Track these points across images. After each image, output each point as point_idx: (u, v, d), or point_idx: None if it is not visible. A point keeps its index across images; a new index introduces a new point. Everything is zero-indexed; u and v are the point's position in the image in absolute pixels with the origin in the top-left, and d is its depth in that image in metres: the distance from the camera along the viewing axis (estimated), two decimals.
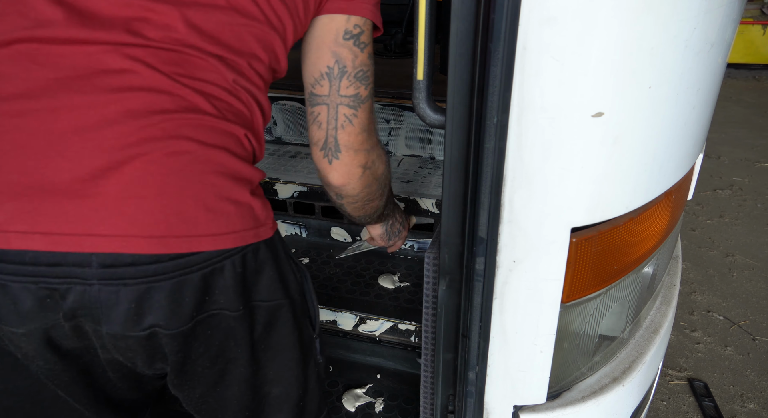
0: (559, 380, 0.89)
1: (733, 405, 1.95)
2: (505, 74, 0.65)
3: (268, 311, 0.78)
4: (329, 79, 0.78)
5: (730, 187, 3.64)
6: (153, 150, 0.66)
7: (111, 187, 0.64)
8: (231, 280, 0.71)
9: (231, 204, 0.70)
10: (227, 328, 0.73)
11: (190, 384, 0.79)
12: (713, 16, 0.71)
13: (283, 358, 0.84)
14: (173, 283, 0.67)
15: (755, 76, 6.43)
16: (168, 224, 0.65)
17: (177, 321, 0.69)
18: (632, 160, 0.74)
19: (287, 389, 0.87)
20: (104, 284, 0.65)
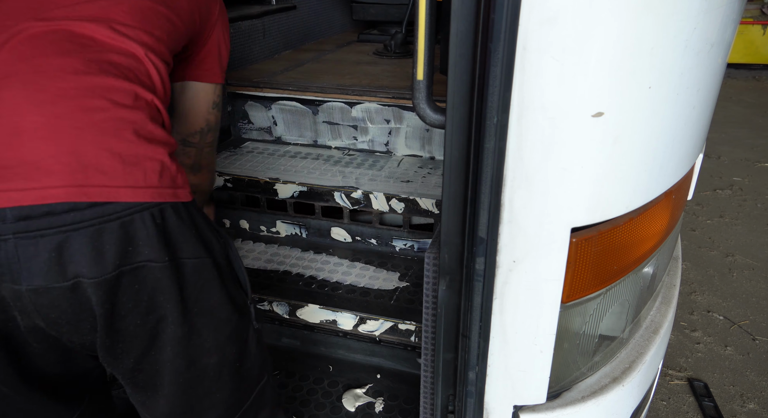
0: (559, 380, 0.89)
1: (733, 405, 1.95)
2: (505, 74, 0.65)
3: (195, 269, 0.80)
4: (201, 135, 1.13)
5: (730, 187, 3.64)
6: (68, 108, 0.70)
7: (27, 144, 0.67)
8: (153, 230, 0.74)
9: (148, 160, 0.74)
10: (154, 281, 0.75)
11: (123, 348, 0.79)
12: (713, 16, 0.71)
13: (219, 323, 0.85)
14: (92, 230, 0.69)
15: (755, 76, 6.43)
16: (85, 175, 0.69)
17: (100, 269, 0.70)
18: (632, 160, 0.73)
19: (227, 357, 0.88)
20: (20, 238, 0.66)
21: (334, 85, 1.69)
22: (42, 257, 0.68)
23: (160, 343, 0.80)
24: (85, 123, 0.70)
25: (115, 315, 0.75)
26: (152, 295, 0.76)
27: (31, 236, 0.67)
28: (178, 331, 0.80)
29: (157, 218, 0.74)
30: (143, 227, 0.73)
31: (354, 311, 1.37)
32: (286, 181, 1.55)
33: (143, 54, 0.81)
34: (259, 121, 1.82)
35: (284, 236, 1.69)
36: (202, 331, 0.83)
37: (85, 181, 0.69)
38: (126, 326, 0.77)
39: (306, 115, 1.75)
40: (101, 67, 0.74)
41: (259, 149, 1.78)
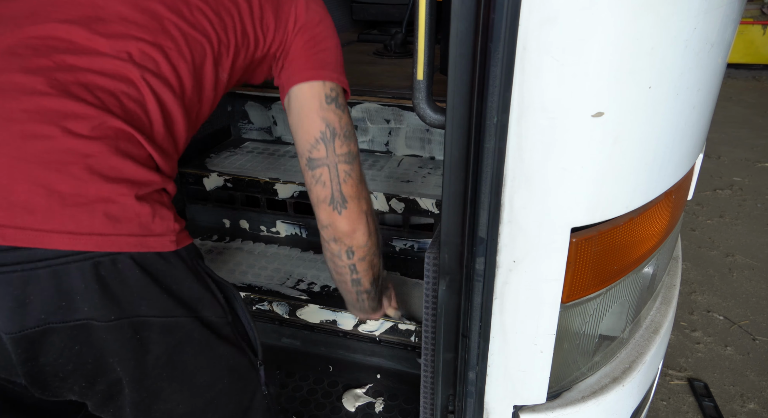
0: (559, 380, 0.89)
1: (733, 405, 1.95)
2: (505, 74, 0.65)
3: (165, 328, 0.69)
4: (324, 143, 0.85)
5: (730, 187, 3.64)
6: (8, 133, 0.60)
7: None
8: (93, 283, 0.62)
9: (101, 202, 0.63)
10: (100, 341, 0.65)
11: (72, 396, 0.70)
12: (713, 16, 0.71)
13: (197, 388, 0.74)
14: (15, 277, 0.59)
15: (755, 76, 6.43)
16: (10, 213, 0.59)
17: (19, 324, 0.60)
18: (632, 160, 0.73)
19: None
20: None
21: None
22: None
23: (116, 404, 0.71)
24: (24, 152, 0.60)
25: (50, 375, 0.65)
26: (99, 357, 0.66)
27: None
28: (135, 396, 0.70)
29: (103, 270, 0.63)
30: (80, 279, 0.62)
31: None
32: (286, 181, 1.55)
33: (138, 77, 0.68)
34: (259, 121, 1.82)
35: (284, 236, 1.69)
36: (170, 397, 0.72)
37: (9, 221, 0.59)
38: (71, 386, 0.68)
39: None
40: (66, 89, 0.63)
41: (259, 149, 1.78)
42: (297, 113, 0.87)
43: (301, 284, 1.46)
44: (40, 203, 0.60)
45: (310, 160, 0.87)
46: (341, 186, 0.86)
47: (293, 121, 0.88)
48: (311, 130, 0.85)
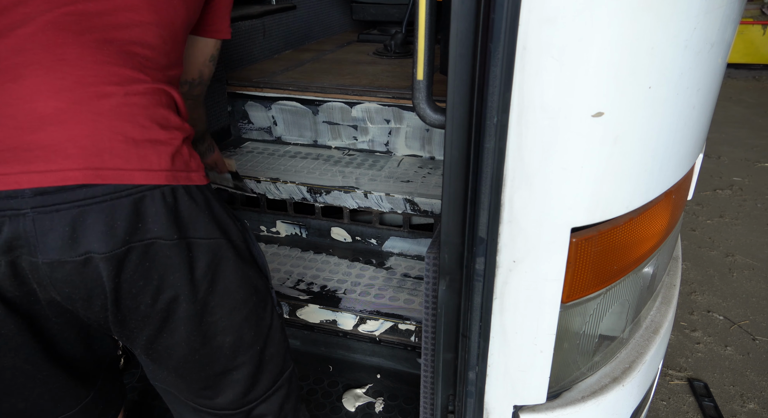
0: (559, 380, 0.89)
1: (733, 405, 1.95)
2: (505, 74, 0.65)
3: (209, 249, 0.82)
4: (189, 86, 1.17)
5: (730, 187, 3.64)
6: (85, 94, 0.73)
7: (47, 129, 0.70)
8: (162, 208, 0.76)
9: (162, 145, 0.77)
10: (164, 258, 0.77)
11: (135, 325, 0.80)
12: (713, 16, 0.71)
13: (235, 303, 0.86)
14: (105, 206, 0.72)
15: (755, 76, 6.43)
16: (101, 158, 0.72)
17: (110, 244, 0.72)
18: (632, 160, 0.74)
19: (244, 337, 0.89)
20: (38, 212, 0.69)
21: (334, 85, 1.70)
22: (57, 232, 0.70)
23: (173, 323, 0.82)
24: (101, 109, 0.73)
25: (126, 292, 0.76)
26: (163, 273, 0.78)
27: (47, 211, 0.70)
28: (190, 309, 0.81)
29: (168, 198, 0.77)
30: (153, 205, 0.75)
31: (355, 311, 1.37)
32: (286, 181, 1.55)
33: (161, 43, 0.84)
34: (259, 121, 1.82)
35: (284, 236, 1.69)
36: (215, 310, 0.84)
37: (101, 164, 0.72)
38: (137, 305, 0.78)
39: (306, 115, 1.75)
40: (119, 58, 0.77)
41: (259, 149, 1.78)
42: (188, 55, 1.11)
43: (301, 284, 1.46)
44: (122, 148, 0.74)
45: (189, 84, 1.17)
46: (196, 92, 1.20)
47: (185, 57, 1.09)
48: (186, 75, 1.14)
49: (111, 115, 0.74)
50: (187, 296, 0.80)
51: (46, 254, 0.71)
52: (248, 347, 0.90)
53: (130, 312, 0.79)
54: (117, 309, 0.78)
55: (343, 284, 1.47)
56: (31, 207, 0.69)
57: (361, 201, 1.51)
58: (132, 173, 0.74)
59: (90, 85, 0.74)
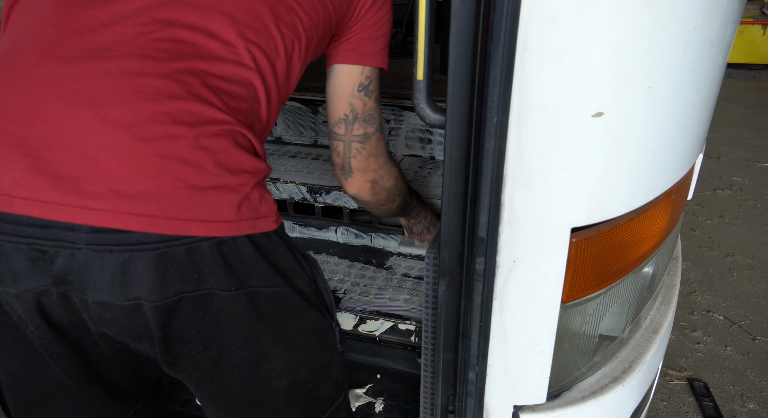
0: (559, 380, 0.89)
1: (733, 405, 1.95)
2: (505, 74, 0.65)
3: (270, 297, 0.79)
4: (345, 124, 0.99)
5: (730, 187, 3.64)
6: (155, 133, 0.69)
7: (109, 164, 0.67)
8: (220, 259, 0.72)
9: (227, 192, 0.72)
10: (220, 309, 0.74)
11: (186, 368, 0.79)
12: (713, 16, 0.71)
13: (292, 347, 0.84)
14: (157, 254, 0.69)
15: (755, 76, 6.43)
16: (159, 205, 0.68)
17: (160, 293, 0.70)
18: (632, 160, 0.74)
19: (297, 379, 0.87)
20: (91, 249, 0.67)
21: None
22: (108, 272, 0.68)
23: (225, 369, 0.80)
24: (168, 151, 0.69)
25: (177, 339, 0.74)
26: (217, 323, 0.75)
27: (100, 249, 0.67)
28: (245, 356, 0.79)
29: (227, 248, 0.73)
30: (210, 256, 0.71)
31: (354, 311, 1.37)
32: (286, 181, 1.55)
33: (255, 80, 0.77)
34: None
35: None
36: (274, 357, 0.82)
37: (157, 211, 0.68)
38: (188, 351, 0.76)
39: (306, 115, 1.75)
40: (197, 93, 0.72)
41: None
42: (332, 91, 0.99)
43: None
44: (182, 195, 0.69)
45: (332, 133, 1.02)
46: (351, 160, 1.01)
47: (328, 94, 1.00)
48: (338, 111, 0.99)
49: (177, 159, 0.69)
50: (243, 344, 0.78)
51: (96, 293, 0.69)
52: (302, 387, 0.88)
53: (180, 356, 0.77)
54: (167, 353, 0.76)
55: (343, 284, 1.47)
56: (86, 244, 0.67)
57: None
58: (189, 224, 0.69)
59: (161, 124, 0.69)
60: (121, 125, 0.68)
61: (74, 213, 0.66)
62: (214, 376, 0.80)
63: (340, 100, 0.98)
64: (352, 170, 1.02)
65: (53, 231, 0.67)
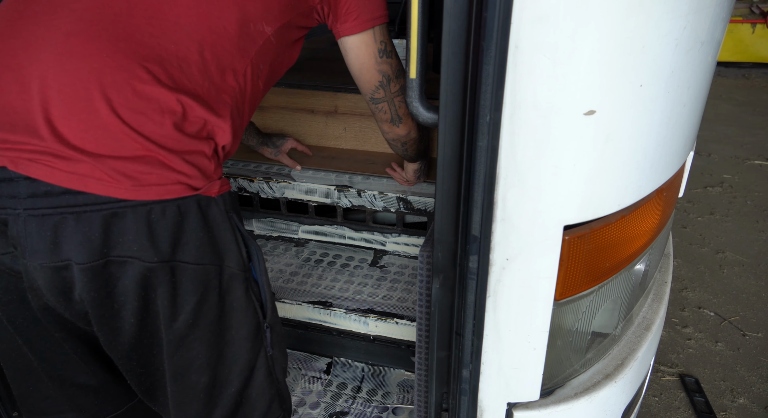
0: (552, 377, 0.90)
1: (724, 400, 1.97)
2: (498, 73, 0.65)
3: (197, 275, 0.76)
4: (383, 88, 1.04)
5: (720, 185, 3.67)
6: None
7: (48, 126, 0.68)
8: (143, 226, 0.71)
9: (167, 153, 0.71)
10: (144, 279, 0.73)
11: (114, 335, 0.77)
12: (703, 15, 0.71)
13: (214, 338, 0.80)
14: (85, 216, 0.69)
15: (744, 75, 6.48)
16: (91, 165, 0.68)
17: (87, 255, 0.70)
18: (624, 158, 0.74)
19: (218, 379, 0.83)
20: (30, 214, 0.69)
21: (327, 84, 1.69)
22: (43, 235, 0.69)
23: (150, 343, 0.78)
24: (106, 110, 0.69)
25: (103, 303, 0.74)
26: (142, 293, 0.74)
27: (36, 214, 0.69)
28: (165, 336, 0.77)
29: (155, 215, 0.71)
30: (134, 222, 0.70)
31: (348, 310, 1.37)
32: (279, 180, 1.55)
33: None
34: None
35: (277, 235, 1.69)
36: (193, 344, 0.79)
37: (89, 171, 0.69)
38: (120, 325, 0.75)
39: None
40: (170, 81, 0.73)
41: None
42: (358, 66, 1.01)
43: (295, 283, 1.46)
44: (117, 157, 0.70)
45: (373, 99, 1.05)
46: (397, 110, 1.07)
47: (354, 70, 1.02)
48: (372, 82, 1.02)
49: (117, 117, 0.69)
50: (165, 320, 0.75)
51: (33, 257, 0.71)
52: (222, 387, 0.84)
53: (107, 323, 0.76)
54: (99, 324, 0.75)
55: (337, 283, 1.47)
56: (23, 208, 0.69)
57: (354, 200, 1.51)
58: (117, 186, 0.69)
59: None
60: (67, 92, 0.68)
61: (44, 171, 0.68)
62: (133, 354, 0.78)
63: (370, 72, 1.01)
64: (400, 118, 1.09)
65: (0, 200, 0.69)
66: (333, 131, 1.68)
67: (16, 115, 0.68)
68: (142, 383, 0.83)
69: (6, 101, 0.69)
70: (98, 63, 0.69)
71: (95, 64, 0.69)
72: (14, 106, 0.68)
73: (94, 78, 0.68)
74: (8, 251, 0.73)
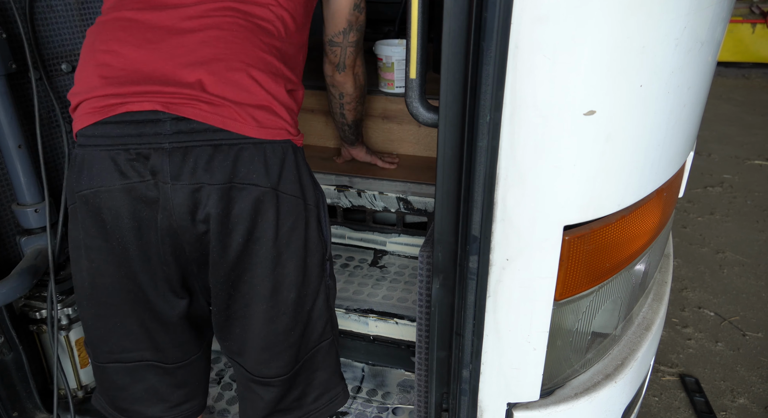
0: (552, 378, 0.90)
1: (724, 400, 1.97)
2: (498, 73, 0.65)
3: (290, 203, 0.92)
4: (343, 34, 1.24)
5: (720, 185, 3.67)
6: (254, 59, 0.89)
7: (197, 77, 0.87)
8: (261, 159, 0.88)
9: (272, 113, 0.90)
10: (256, 202, 0.89)
11: (224, 261, 0.91)
12: (703, 15, 0.71)
13: (298, 260, 0.95)
14: (221, 148, 0.86)
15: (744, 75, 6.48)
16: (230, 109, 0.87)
17: (219, 178, 0.87)
18: (624, 158, 0.74)
19: (301, 297, 0.97)
20: (175, 146, 0.86)
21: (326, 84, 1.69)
22: (185, 162, 0.85)
23: (251, 261, 0.91)
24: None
25: (225, 220, 0.88)
26: (254, 215, 0.89)
27: (181, 146, 0.85)
28: (268, 254, 0.91)
29: (269, 152, 0.89)
30: (255, 155, 0.88)
31: (348, 310, 1.37)
32: None
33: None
34: None
35: None
36: (286, 263, 0.93)
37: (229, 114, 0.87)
38: (231, 243, 0.89)
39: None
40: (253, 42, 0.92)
41: None
42: (333, 12, 1.21)
43: None
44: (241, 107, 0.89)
45: (331, 42, 1.24)
46: (345, 59, 1.27)
47: (328, 14, 1.22)
48: (338, 26, 1.22)
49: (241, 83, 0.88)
50: (269, 240, 0.91)
51: (176, 179, 0.86)
52: (302, 308, 0.98)
53: (225, 249, 0.90)
54: (217, 239, 0.89)
55: (337, 283, 1.47)
56: (169, 141, 0.85)
57: (354, 200, 1.51)
58: (248, 127, 0.87)
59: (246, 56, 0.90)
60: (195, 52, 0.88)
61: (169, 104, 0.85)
62: (240, 267, 0.91)
63: (340, 18, 1.21)
64: (345, 66, 1.28)
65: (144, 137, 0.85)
66: (333, 131, 1.68)
67: (169, 74, 0.86)
68: (227, 308, 0.96)
69: (159, 66, 0.87)
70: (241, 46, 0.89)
71: (238, 47, 0.89)
72: (166, 71, 0.87)
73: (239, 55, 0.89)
74: (146, 179, 0.86)
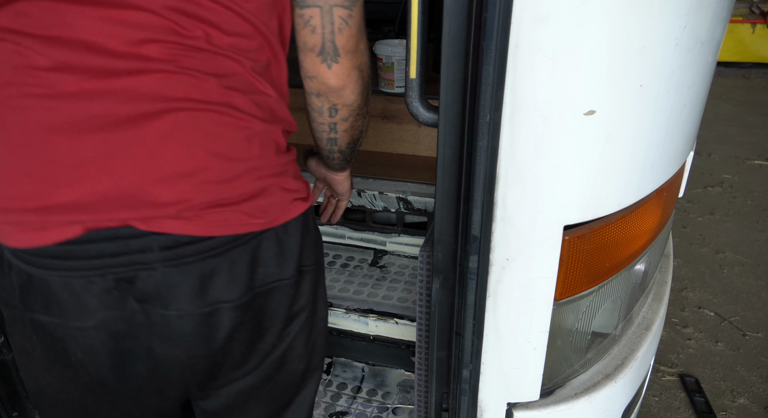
0: (552, 377, 0.90)
1: (724, 400, 1.97)
2: (498, 72, 0.65)
3: (311, 275, 0.79)
4: None
5: (720, 185, 3.67)
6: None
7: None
8: (276, 249, 0.72)
9: (277, 190, 0.72)
10: (288, 298, 0.76)
11: (254, 356, 0.78)
12: (703, 15, 0.71)
13: (311, 327, 0.84)
14: (229, 255, 0.68)
15: (744, 75, 6.48)
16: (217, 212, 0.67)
17: (237, 292, 0.70)
18: (624, 158, 0.74)
19: (312, 364, 0.88)
20: (168, 266, 0.65)
21: None
22: (188, 283, 0.67)
23: (293, 345, 0.81)
24: None
25: (255, 334, 0.75)
26: (289, 313, 0.78)
27: (177, 264, 0.66)
28: (279, 343, 0.79)
29: (281, 235, 0.73)
30: (269, 249, 0.71)
31: (348, 309, 1.37)
32: None
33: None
34: None
35: None
36: (297, 349, 0.82)
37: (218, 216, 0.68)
38: (263, 346, 0.77)
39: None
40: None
41: None
42: None
43: None
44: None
45: (299, 2, 0.68)
46: (335, 36, 0.69)
47: None
48: None
49: None
50: (309, 315, 0.80)
51: (179, 305, 0.68)
52: (313, 371, 0.89)
53: (254, 354, 0.77)
54: (245, 349, 0.76)
55: (337, 283, 1.47)
56: (160, 262, 0.66)
57: (354, 200, 1.51)
58: (248, 220, 0.69)
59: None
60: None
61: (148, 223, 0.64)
62: (252, 375, 0.79)
63: None
64: (338, 52, 0.70)
65: (126, 258, 0.64)
66: None
67: None
68: (233, 407, 0.83)
69: None
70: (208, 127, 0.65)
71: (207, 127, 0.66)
72: None
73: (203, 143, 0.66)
74: (131, 309, 0.67)
